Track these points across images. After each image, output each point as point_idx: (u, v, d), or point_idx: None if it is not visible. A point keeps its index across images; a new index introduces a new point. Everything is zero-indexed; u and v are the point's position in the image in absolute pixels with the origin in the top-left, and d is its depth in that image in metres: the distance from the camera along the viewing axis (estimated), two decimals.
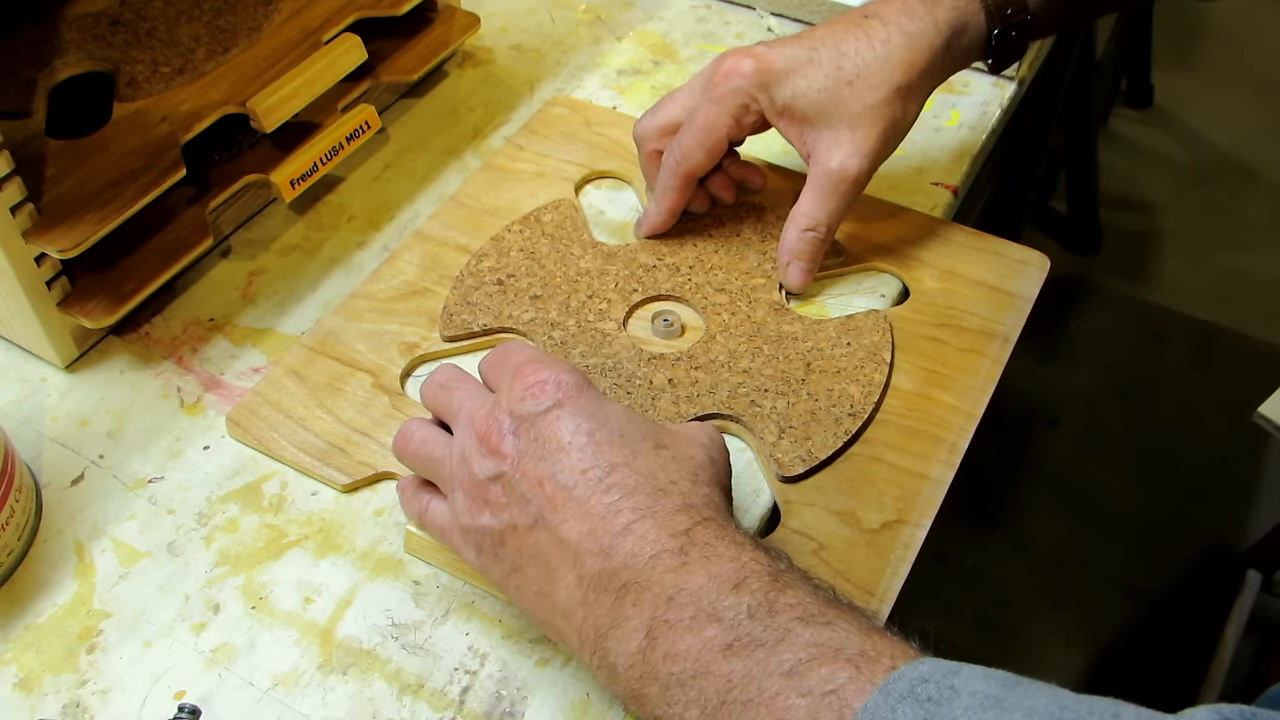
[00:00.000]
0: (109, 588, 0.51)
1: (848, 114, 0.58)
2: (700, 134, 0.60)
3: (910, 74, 0.59)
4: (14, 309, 0.57)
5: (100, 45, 0.64)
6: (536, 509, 0.43)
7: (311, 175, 0.65)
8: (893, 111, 0.59)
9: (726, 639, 0.38)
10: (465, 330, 0.60)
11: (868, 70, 0.58)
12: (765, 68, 0.59)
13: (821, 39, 0.59)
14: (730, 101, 0.59)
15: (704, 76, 0.61)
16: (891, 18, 0.59)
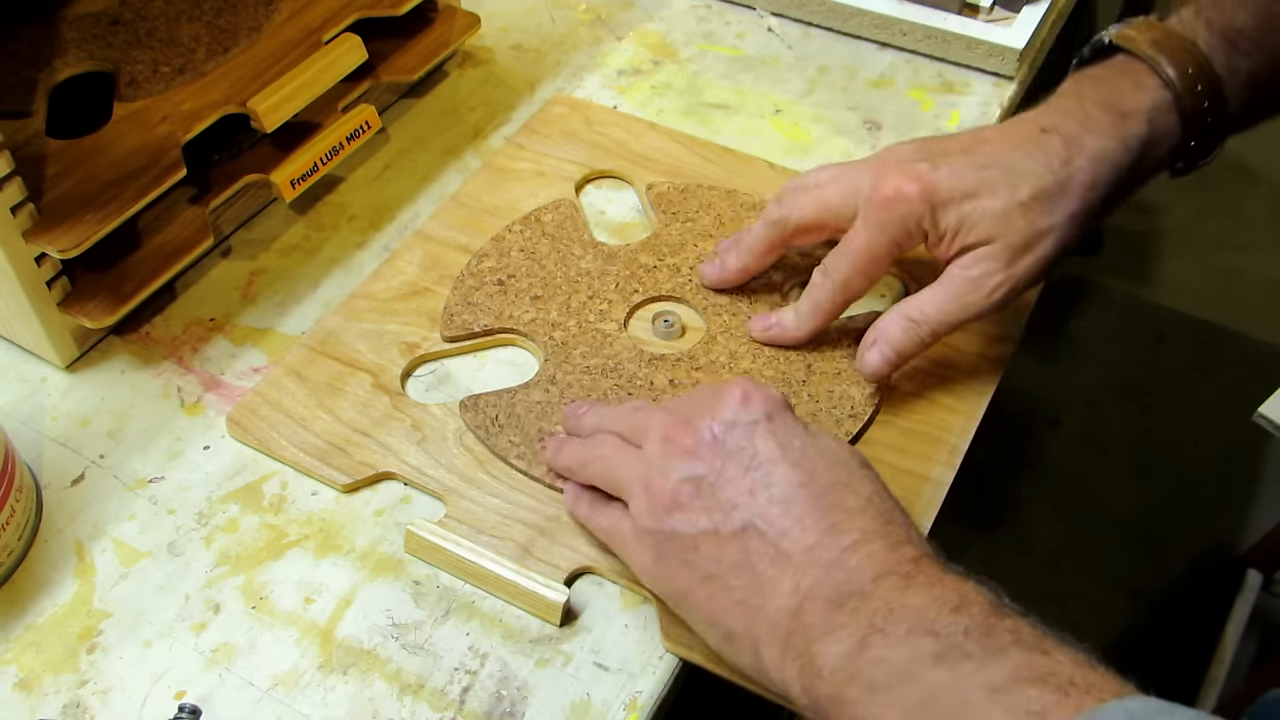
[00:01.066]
0: (109, 588, 0.51)
1: (1015, 235, 0.53)
2: (860, 263, 0.55)
3: (1091, 198, 0.53)
4: (14, 309, 0.57)
5: (100, 45, 0.64)
6: (745, 516, 0.43)
7: (312, 175, 0.65)
8: (1063, 236, 0.53)
9: (938, 650, 0.38)
10: (466, 330, 0.60)
11: (1043, 193, 0.52)
12: (930, 191, 0.53)
13: (991, 155, 0.54)
14: (895, 228, 0.53)
15: (862, 183, 0.54)
16: (1074, 134, 0.53)
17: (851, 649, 0.40)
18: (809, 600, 0.41)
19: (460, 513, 0.53)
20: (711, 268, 0.61)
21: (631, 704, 0.47)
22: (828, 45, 0.81)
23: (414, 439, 0.55)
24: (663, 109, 0.75)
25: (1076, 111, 0.54)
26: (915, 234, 0.54)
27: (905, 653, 0.38)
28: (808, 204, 0.57)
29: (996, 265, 0.53)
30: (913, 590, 0.40)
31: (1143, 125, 0.53)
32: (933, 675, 0.38)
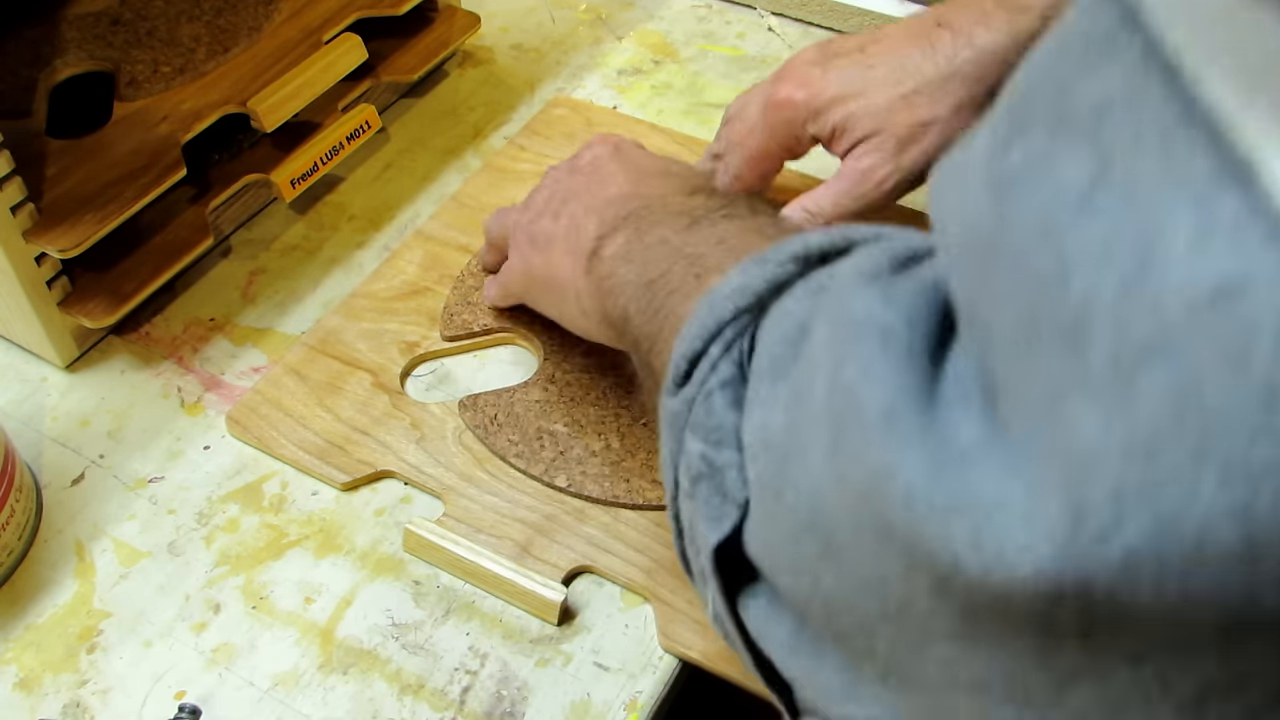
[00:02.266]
0: (109, 588, 0.51)
1: (898, 127, 0.54)
2: (752, 160, 0.59)
3: (977, 90, 0.54)
4: (14, 309, 0.57)
5: (101, 45, 0.64)
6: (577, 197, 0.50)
7: (312, 175, 0.65)
8: (948, 127, 0.54)
9: (690, 223, 0.43)
10: (466, 330, 0.60)
11: (927, 86, 0.54)
12: (815, 96, 0.56)
13: (883, 52, 0.56)
14: (782, 131, 0.57)
15: (762, 94, 0.58)
16: (964, 28, 0.54)
17: (629, 238, 0.45)
18: (605, 223, 0.47)
19: (459, 511, 0.53)
20: None
21: (631, 704, 0.47)
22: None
23: (413, 438, 0.55)
24: (663, 109, 0.75)
25: (974, 5, 0.55)
26: (804, 137, 0.57)
27: (664, 230, 0.44)
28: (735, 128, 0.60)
29: (883, 156, 0.55)
30: (689, 199, 0.45)
31: (1036, 21, 0.53)
32: (679, 239, 0.42)
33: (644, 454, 0.54)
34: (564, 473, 0.54)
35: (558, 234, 0.50)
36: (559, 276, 0.50)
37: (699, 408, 0.34)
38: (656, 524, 0.52)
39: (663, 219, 0.45)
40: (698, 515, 0.33)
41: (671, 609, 0.50)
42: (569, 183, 0.52)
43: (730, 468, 0.32)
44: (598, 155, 0.53)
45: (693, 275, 0.40)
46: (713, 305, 0.35)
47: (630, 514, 0.53)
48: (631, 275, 0.43)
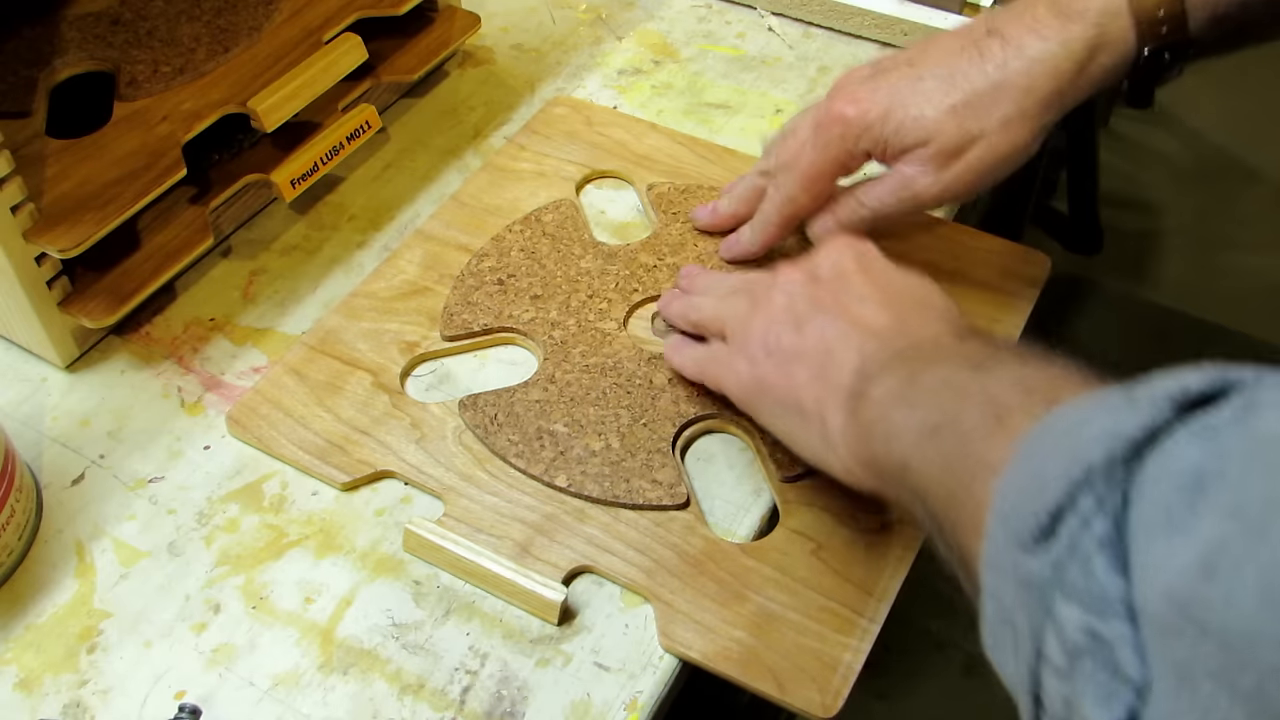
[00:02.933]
0: (109, 587, 0.51)
1: (946, 140, 0.54)
2: (805, 179, 0.58)
3: (1026, 102, 0.53)
4: (14, 309, 0.57)
5: (101, 45, 0.64)
6: (827, 314, 0.48)
7: (312, 175, 0.65)
8: (994, 142, 0.54)
9: (975, 365, 0.40)
10: (465, 330, 0.60)
11: (976, 97, 0.53)
12: (865, 112, 0.55)
13: (932, 64, 0.55)
14: (835, 149, 0.57)
15: (815, 113, 0.58)
16: (1015, 36, 0.53)
17: (901, 379, 0.42)
18: (871, 360, 0.45)
19: (459, 511, 0.53)
20: (703, 210, 0.65)
21: (632, 704, 0.47)
22: (828, 45, 0.81)
23: (413, 437, 0.55)
24: (663, 109, 0.75)
25: (1026, 13, 0.54)
26: (856, 153, 0.57)
27: (946, 373, 0.41)
28: (787, 146, 0.60)
29: (928, 167, 0.55)
30: (966, 344, 0.44)
31: (1089, 28, 0.52)
32: (966, 382, 0.39)
33: (644, 454, 0.54)
34: (564, 472, 0.54)
35: (804, 354, 0.48)
36: (802, 403, 0.47)
37: (1074, 570, 0.29)
38: (656, 524, 0.52)
39: (940, 361, 0.42)
40: (1080, 695, 0.29)
41: (671, 609, 0.50)
42: (811, 292, 0.49)
43: (1122, 642, 0.28)
44: (840, 265, 0.50)
45: (992, 417, 0.37)
46: (1075, 451, 0.30)
47: (630, 514, 0.53)
48: (910, 421, 0.40)
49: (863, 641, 0.49)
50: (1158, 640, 0.27)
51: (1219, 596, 0.25)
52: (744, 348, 0.50)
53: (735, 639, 0.49)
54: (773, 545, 0.52)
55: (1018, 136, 0.54)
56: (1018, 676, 0.32)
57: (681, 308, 0.57)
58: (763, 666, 0.48)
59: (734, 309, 0.53)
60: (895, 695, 1.27)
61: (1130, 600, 0.28)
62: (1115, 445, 0.30)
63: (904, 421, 0.41)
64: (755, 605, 0.50)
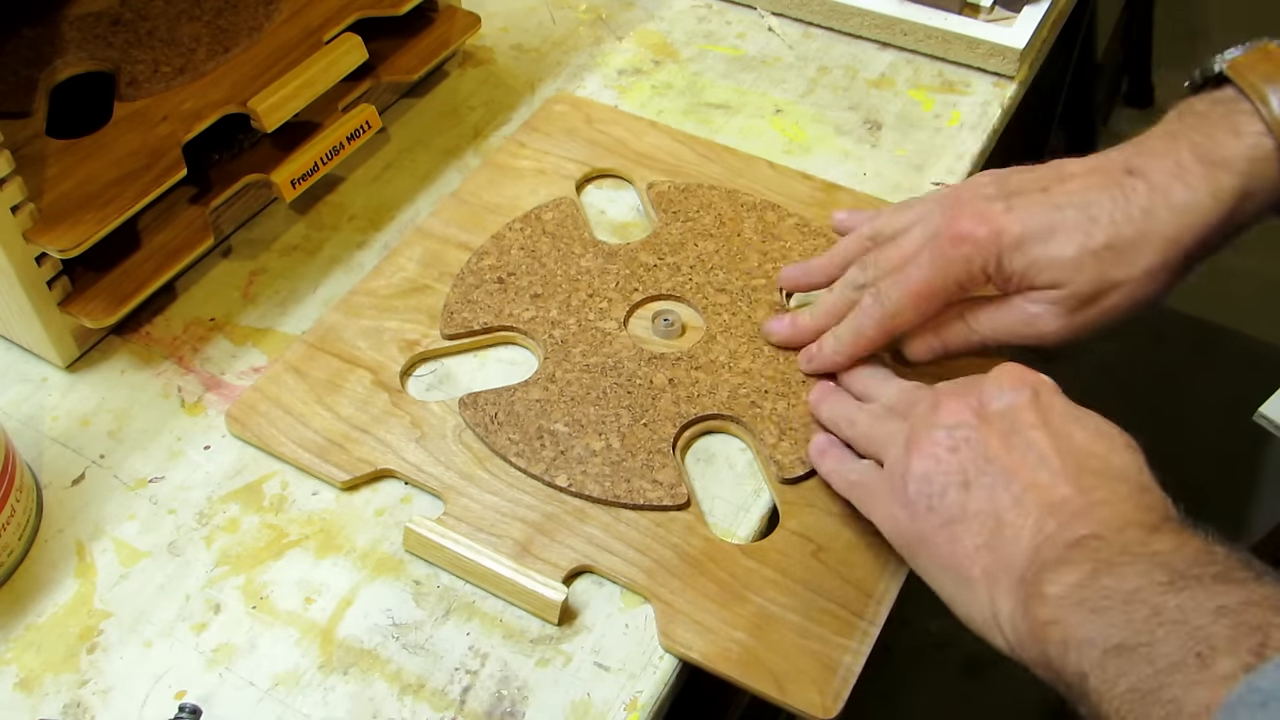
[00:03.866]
0: (110, 587, 0.51)
1: (1083, 284, 0.50)
2: (916, 297, 0.53)
3: (1170, 252, 0.49)
4: (15, 309, 0.57)
5: (101, 45, 0.64)
6: (997, 469, 0.43)
7: (312, 175, 0.65)
8: (1133, 291, 0.50)
9: (1170, 579, 0.37)
10: (465, 328, 0.60)
11: (1119, 242, 0.50)
12: (998, 235, 0.51)
13: (1070, 194, 0.51)
14: (958, 268, 0.52)
15: (932, 224, 0.53)
16: (1160, 182, 0.50)
17: (1083, 578, 0.39)
18: (1049, 542, 0.41)
19: (459, 510, 0.53)
20: (779, 324, 0.59)
21: (632, 704, 0.47)
22: (828, 45, 0.81)
23: (413, 436, 0.55)
24: (663, 109, 0.75)
25: (1168, 155, 0.50)
26: (978, 276, 0.53)
27: (1136, 581, 0.38)
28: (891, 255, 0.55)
29: (1057, 310, 0.52)
30: (1155, 539, 0.40)
31: (1237, 178, 0.49)
32: (1159, 599, 0.36)
33: (644, 454, 0.54)
34: (564, 472, 0.54)
35: (969, 513, 0.44)
36: (968, 573, 0.43)
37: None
38: (657, 524, 0.52)
39: (1130, 564, 0.39)
40: None
41: (671, 609, 0.50)
42: (982, 439, 0.45)
43: None
44: (1015, 409, 0.45)
45: (1193, 655, 0.34)
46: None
47: (631, 514, 0.53)
48: (1094, 633, 0.37)
49: (862, 643, 0.49)
50: None
51: None
52: (902, 491, 0.46)
53: (735, 640, 0.49)
54: (773, 546, 0.52)
55: (1158, 285, 0.51)
56: None
57: (832, 415, 0.53)
58: (763, 667, 0.48)
59: (892, 436, 0.48)
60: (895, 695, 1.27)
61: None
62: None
63: (1086, 632, 0.38)
64: (755, 606, 0.50)
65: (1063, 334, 0.52)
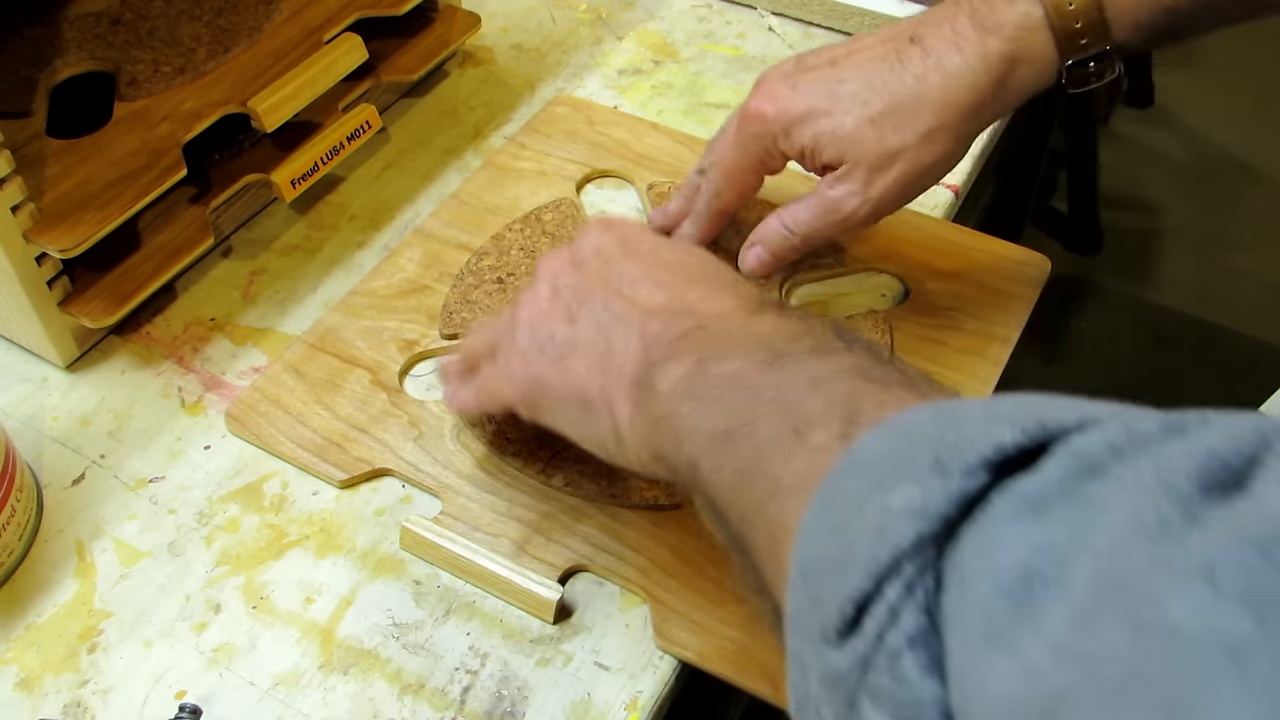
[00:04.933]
0: (110, 587, 0.51)
1: (867, 154, 0.53)
2: (726, 176, 0.58)
3: (945, 115, 0.52)
4: (15, 309, 0.57)
5: (101, 45, 0.64)
6: (597, 300, 0.45)
7: (312, 175, 0.65)
8: (917, 156, 0.53)
9: (770, 359, 0.38)
10: (465, 328, 0.60)
11: (895, 109, 0.52)
12: (783, 112, 0.54)
13: (853, 67, 0.54)
14: (753, 147, 0.56)
15: (740, 111, 0.57)
16: (935, 47, 0.52)
17: (690, 369, 0.40)
18: (655, 343, 0.42)
19: (456, 509, 0.53)
20: (658, 213, 0.64)
21: (632, 704, 0.47)
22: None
23: (411, 435, 0.56)
24: (663, 109, 0.75)
25: (948, 22, 0.53)
26: (775, 152, 0.56)
27: (738, 364, 0.38)
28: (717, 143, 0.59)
29: (854, 187, 0.54)
30: (756, 321, 0.41)
31: (1006, 43, 0.51)
32: (759, 378, 0.37)
33: None
34: (561, 472, 0.54)
35: (578, 342, 0.44)
36: (584, 393, 0.44)
37: (881, 671, 0.26)
38: (654, 523, 0.52)
39: (732, 349, 0.39)
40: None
41: (667, 608, 0.50)
42: (577, 281, 0.46)
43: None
44: (602, 248, 0.47)
45: (789, 430, 0.34)
46: (882, 529, 0.27)
47: (627, 513, 0.53)
48: (701, 421, 0.38)
49: None
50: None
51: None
52: (518, 350, 0.46)
53: (731, 639, 0.49)
54: None
55: (940, 148, 0.53)
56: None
57: (451, 355, 0.54)
58: (758, 667, 0.48)
59: (498, 322, 0.50)
60: None
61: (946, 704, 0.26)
62: (924, 525, 0.27)
63: (693, 420, 0.39)
64: (752, 605, 0.50)
65: (868, 212, 0.54)
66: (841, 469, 0.30)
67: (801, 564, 0.30)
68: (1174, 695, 0.19)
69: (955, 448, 0.28)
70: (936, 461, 0.28)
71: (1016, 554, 0.24)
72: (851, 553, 0.27)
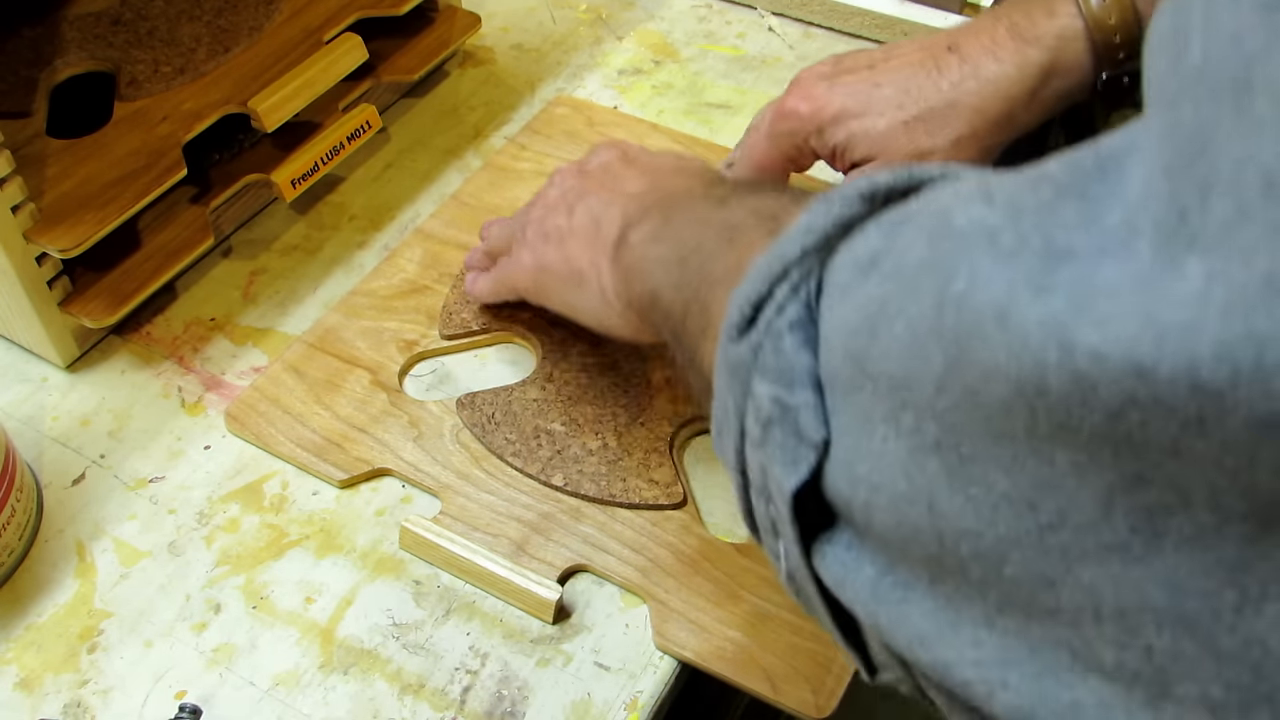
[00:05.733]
0: (110, 587, 0.51)
1: (895, 154, 0.54)
2: (755, 167, 0.59)
3: (977, 122, 0.53)
4: (15, 309, 0.57)
5: (101, 45, 0.64)
6: (592, 194, 0.50)
7: (312, 175, 0.65)
8: (946, 160, 0.52)
9: (720, 203, 0.42)
10: (464, 329, 0.60)
11: (929, 114, 0.53)
12: (818, 111, 0.55)
13: (891, 71, 0.55)
14: (785, 143, 0.57)
15: (773, 106, 0.58)
16: (973, 55, 0.53)
17: (657, 224, 0.45)
18: (630, 216, 0.47)
19: (455, 509, 0.53)
20: None
21: (632, 704, 0.48)
22: (829, 45, 0.81)
23: (410, 435, 0.56)
24: (664, 109, 0.75)
25: (985, 33, 0.54)
26: (805, 150, 0.57)
27: (695, 214, 0.43)
28: (747, 139, 0.60)
29: None
30: (718, 188, 0.45)
31: (1045, 53, 0.52)
32: (709, 215, 0.42)
33: (640, 453, 0.54)
34: (560, 471, 0.54)
35: (575, 228, 0.50)
36: (578, 268, 0.50)
37: (766, 351, 0.32)
38: (653, 523, 0.52)
39: (691, 203, 0.45)
40: (771, 461, 0.31)
41: (666, 608, 0.50)
42: (580, 184, 0.52)
43: (805, 408, 0.31)
44: (606, 160, 0.53)
45: (725, 241, 0.39)
46: (777, 249, 0.33)
47: (626, 513, 0.53)
48: (663, 252, 0.43)
49: None
50: (842, 398, 0.30)
51: (879, 349, 0.27)
52: (526, 242, 0.53)
53: (729, 639, 0.49)
54: None
55: (966, 156, 0.54)
56: (729, 457, 0.34)
57: (469, 256, 0.61)
58: (757, 666, 0.48)
59: (513, 222, 0.56)
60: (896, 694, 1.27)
61: (816, 372, 0.31)
62: (809, 239, 0.32)
63: (656, 256, 0.43)
64: (750, 605, 0.50)
65: None
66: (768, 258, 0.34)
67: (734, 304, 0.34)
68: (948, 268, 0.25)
69: (841, 188, 0.33)
70: (826, 198, 0.33)
71: (872, 244, 0.30)
72: (754, 271, 0.33)
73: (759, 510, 0.34)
